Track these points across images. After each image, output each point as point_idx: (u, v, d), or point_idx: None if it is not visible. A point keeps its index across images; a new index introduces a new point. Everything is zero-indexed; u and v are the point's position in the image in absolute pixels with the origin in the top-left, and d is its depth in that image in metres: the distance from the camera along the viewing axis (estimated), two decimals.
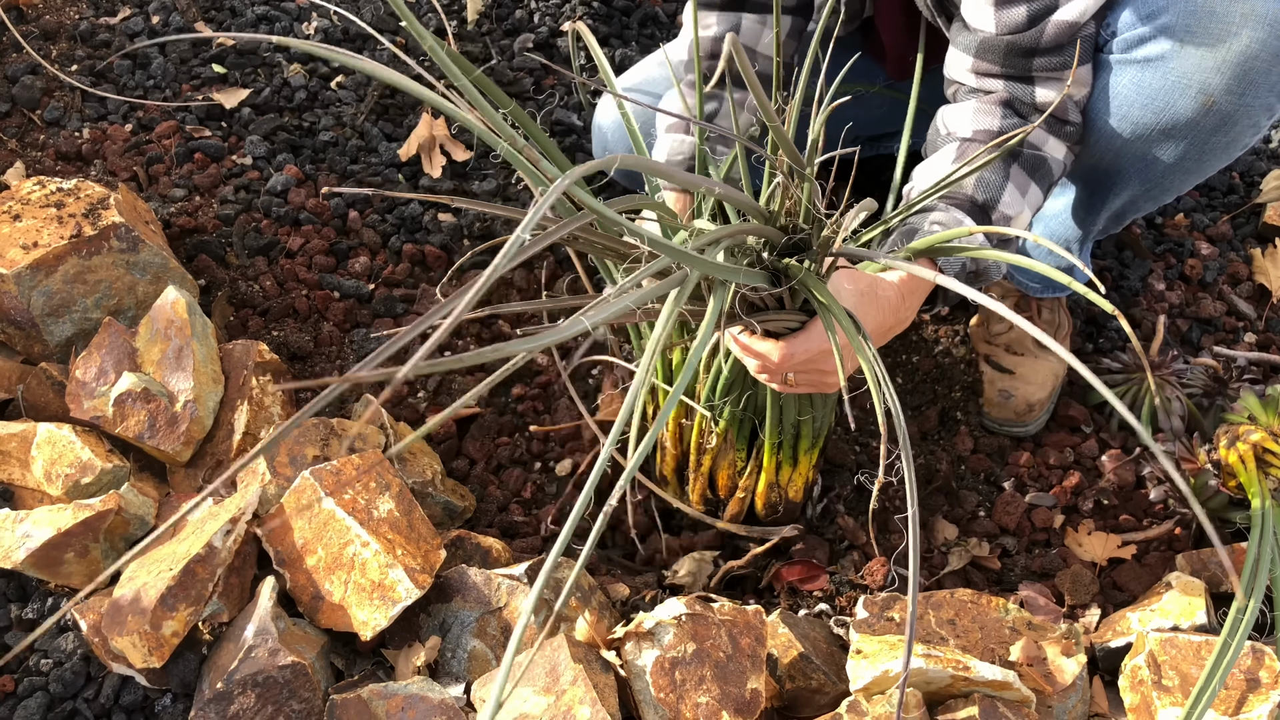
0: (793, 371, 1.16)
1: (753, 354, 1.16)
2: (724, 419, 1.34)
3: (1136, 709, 1.26)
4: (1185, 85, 1.23)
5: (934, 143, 1.34)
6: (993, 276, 1.30)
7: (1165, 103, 1.24)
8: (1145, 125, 1.27)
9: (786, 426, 1.33)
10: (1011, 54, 1.25)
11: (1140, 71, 1.24)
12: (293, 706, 1.19)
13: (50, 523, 1.26)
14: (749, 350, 1.16)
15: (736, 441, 1.37)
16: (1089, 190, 1.47)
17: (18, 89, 1.90)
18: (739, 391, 1.31)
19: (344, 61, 0.84)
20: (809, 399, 1.31)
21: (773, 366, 1.15)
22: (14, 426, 1.37)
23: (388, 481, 1.32)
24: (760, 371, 1.18)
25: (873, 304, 1.18)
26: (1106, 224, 1.50)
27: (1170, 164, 1.31)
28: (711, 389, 1.31)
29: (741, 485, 1.40)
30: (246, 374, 1.44)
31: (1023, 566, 1.52)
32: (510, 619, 1.26)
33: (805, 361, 1.14)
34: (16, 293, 1.42)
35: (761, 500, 1.42)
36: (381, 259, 1.80)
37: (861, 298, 1.16)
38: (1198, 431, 1.63)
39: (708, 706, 1.17)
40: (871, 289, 1.18)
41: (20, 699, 1.21)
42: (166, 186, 1.82)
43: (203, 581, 1.21)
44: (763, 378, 1.20)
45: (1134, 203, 1.42)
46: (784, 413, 1.31)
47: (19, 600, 1.28)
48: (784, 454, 1.37)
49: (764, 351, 1.14)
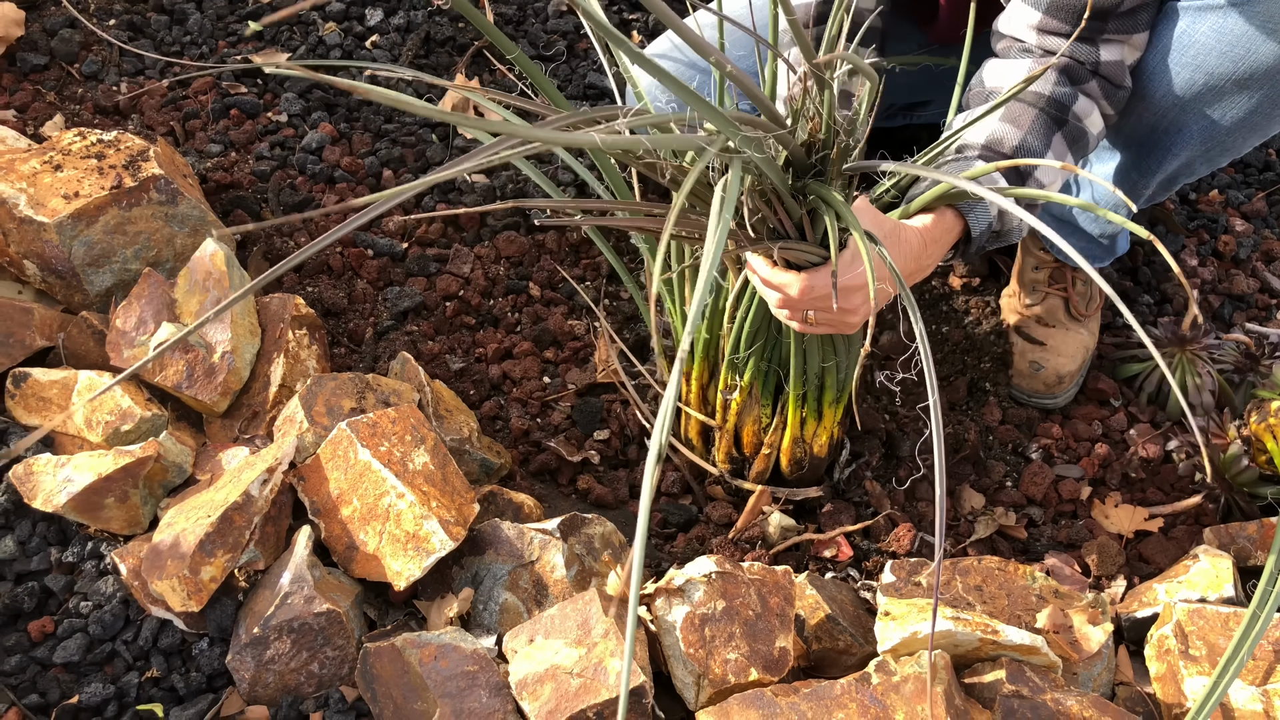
0: (812, 308, 1.15)
1: (773, 286, 1.14)
2: (748, 371, 1.34)
3: (1162, 678, 1.26)
4: (1274, 27, 1.19)
5: (976, 97, 1.32)
6: (1014, 238, 1.28)
7: (1246, 49, 1.22)
8: (1220, 75, 1.25)
9: (810, 377, 1.33)
10: (1087, 15, 1.23)
11: (1222, 17, 1.22)
12: (327, 653, 1.21)
13: (91, 468, 1.28)
14: (769, 282, 1.14)
15: (761, 397, 1.38)
16: (1142, 153, 1.45)
17: (56, 42, 1.91)
18: (763, 341, 1.31)
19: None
20: (831, 344, 1.30)
21: (793, 300, 1.13)
22: (55, 374, 1.39)
23: (423, 435, 1.33)
24: (781, 307, 1.17)
25: (895, 246, 1.16)
26: (1156, 190, 1.49)
27: (1239, 120, 1.29)
28: (736, 341, 1.31)
29: (767, 442, 1.41)
30: (283, 327, 1.45)
31: (1049, 537, 1.52)
32: (542, 573, 1.27)
33: (825, 297, 1.12)
34: (58, 242, 1.43)
35: (787, 457, 1.42)
36: (415, 218, 1.80)
37: (884, 239, 1.15)
38: (1228, 407, 1.63)
39: (736, 663, 1.18)
40: (895, 232, 1.16)
41: (60, 640, 1.24)
42: (203, 142, 1.83)
43: (240, 529, 1.22)
44: (783, 315, 1.18)
45: (1189, 165, 1.40)
46: (808, 360, 1.31)
47: (59, 544, 1.31)
48: (808, 408, 1.37)
49: (784, 283, 1.12)
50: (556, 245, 1.80)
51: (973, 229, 1.23)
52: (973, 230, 1.23)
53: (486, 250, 1.77)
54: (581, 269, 1.77)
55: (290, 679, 1.20)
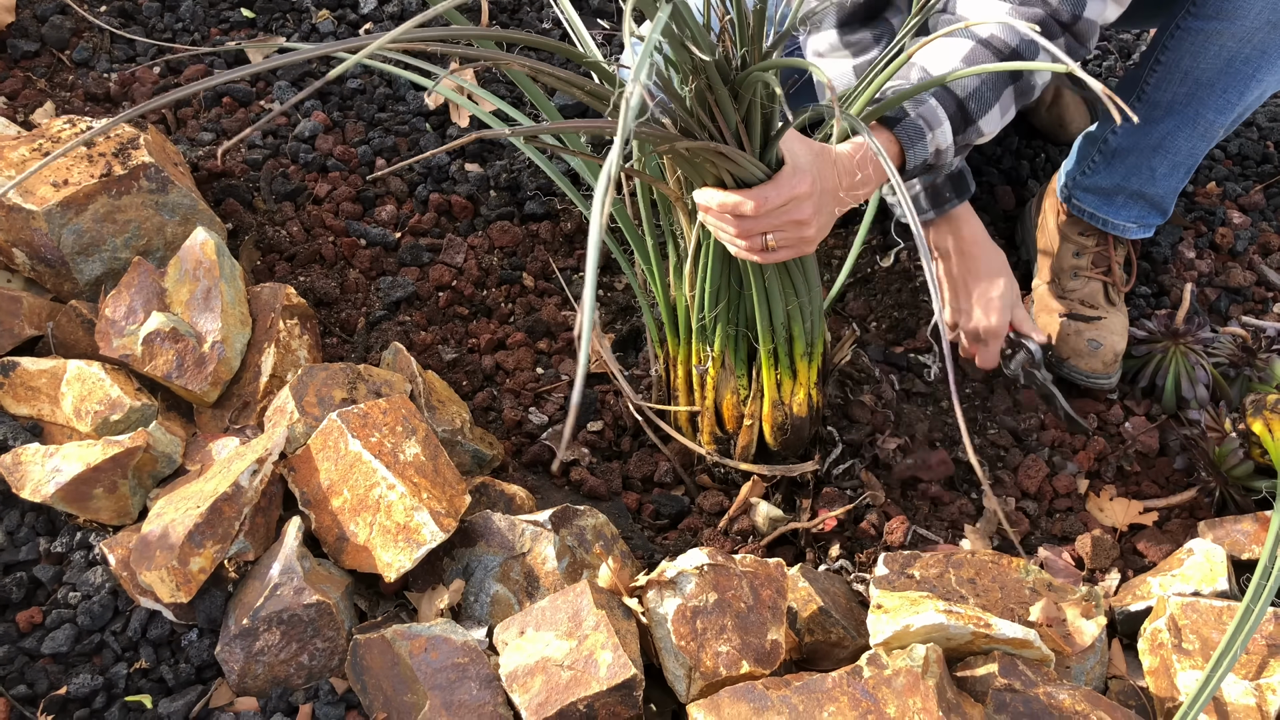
0: (770, 230, 1.14)
1: (727, 209, 1.13)
2: (718, 338, 1.34)
3: (1155, 671, 1.26)
4: None
5: (942, 22, 1.32)
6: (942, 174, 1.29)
7: None
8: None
9: (778, 328, 1.32)
10: None
11: None
12: (316, 644, 1.21)
13: (80, 458, 1.27)
14: (723, 207, 1.13)
15: (735, 366, 1.38)
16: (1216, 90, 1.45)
17: (47, 29, 1.90)
18: (726, 300, 1.31)
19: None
20: (792, 282, 1.30)
21: (749, 222, 1.13)
22: (44, 363, 1.38)
23: (414, 426, 1.32)
24: (739, 236, 1.16)
25: (827, 163, 1.17)
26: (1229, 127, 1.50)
27: None
28: (700, 303, 1.31)
29: (747, 413, 1.41)
30: (274, 317, 1.44)
31: (1043, 530, 1.52)
32: (533, 564, 1.27)
33: (780, 209, 1.12)
34: (47, 230, 1.42)
35: (770, 423, 1.41)
36: (408, 208, 1.79)
37: (815, 156, 1.15)
38: (1224, 400, 1.62)
39: (728, 655, 1.18)
40: (824, 149, 1.17)
41: (48, 630, 1.23)
42: (195, 130, 1.81)
43: (229, 520, 1.22)
44: (742, 246, 1.18)
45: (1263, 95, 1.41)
46: (772, 307, 1.31)
47: (48, 534, 1.30)
48: (781, 367, 1.37)
49: (736, 202, 1.12)
50: (550, 235, 1.79)
51: (908, 158, 1.25)
52: (908, 159, 1.25)
53: (480, 240, 1.76)
54: (575, 259, 1.76)
55: (280, 670, 1.20)
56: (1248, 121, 2.17)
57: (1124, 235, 1.69)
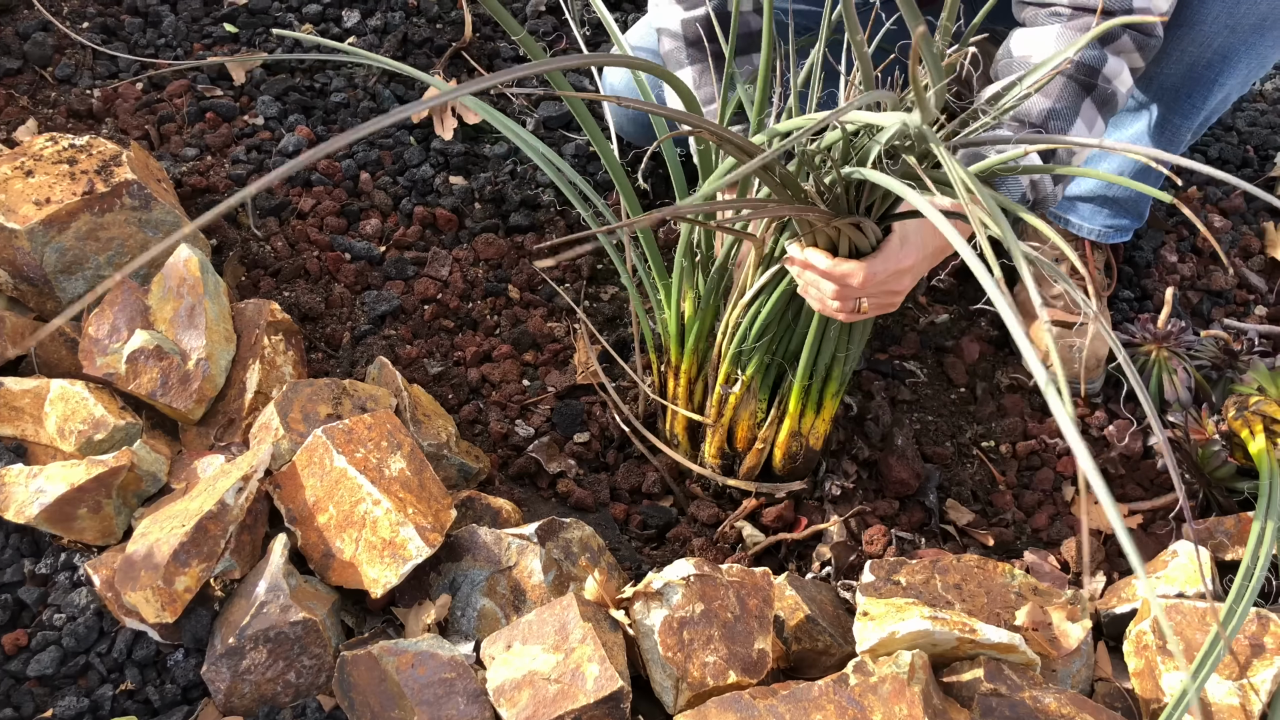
0: (872, 295, 1.16)
1: (833, 276, 1.14)
2: (752, 365, 1.34)
3: (1141, 673, 1.27)
4: None
5: (1005, 68, 1.30)
6: (1049, 205, 1.28)
7: None
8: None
9: (820, 367, 1.33)
10: None
11: None
12: (304, 662, 1.20)
13: (64, 478, 1.27)
14: (830, 274, 1.14)
15: (760, 391, 1.38)
16: (1181, 95, 1.43)
17: (29, 45, 1.90)
18: (773, 334, 1.31)
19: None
20: (847, 335, 1.31)
21: (852, 290, 1.15)
22: (27, 383, 1.38)
23: (399, 441, 1.32)
24: (836, 297, 1.17)
25: (930, 230, 1.18)
26: (1194, 133, 1.49)
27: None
28: (744, 335, 1.31)
29: (761, 437, 1.41)
30: (259, 333, 1.44)
31: (1028, 534, 1.53)
32: (520, 578, 1.27)
33: (883, 281, 1.14)
34: (29, 249, 1.42)
35: (782, 450, 1.42)
36: (393, 221, 1.80)
37: (920, 224, 1.16)
38: (1206, 403, 1.63)
39: (715, 666, 1.18)
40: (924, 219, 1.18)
41: (34, 653, 1.22)
42: (178, 145, 1.81)
43: (215, 538, 1.21)
44: (832, 306, 1.19)
45: (1227, 99, 1.39)
46: (821, 352, 1.31)
47: (32, 555, 1.29)
48: (810, 400, 1.37)
49: (847, 272, 1.13)
50: (535, 247, 1.79)
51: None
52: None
53: (465, 253, 1.76)
54: (561, 270, 1.77)
55: (267, 689, 1.20)
56: (1227, 126, 2.18)
57: (1101, 240, 1.70)
